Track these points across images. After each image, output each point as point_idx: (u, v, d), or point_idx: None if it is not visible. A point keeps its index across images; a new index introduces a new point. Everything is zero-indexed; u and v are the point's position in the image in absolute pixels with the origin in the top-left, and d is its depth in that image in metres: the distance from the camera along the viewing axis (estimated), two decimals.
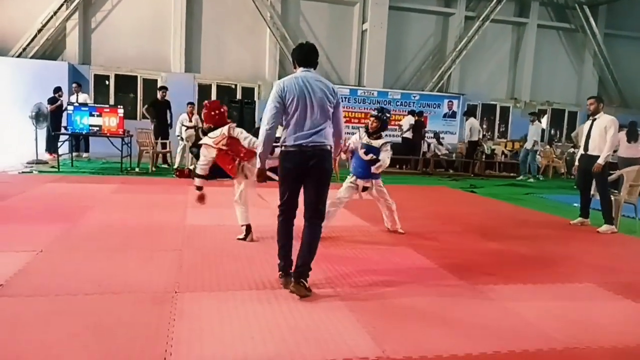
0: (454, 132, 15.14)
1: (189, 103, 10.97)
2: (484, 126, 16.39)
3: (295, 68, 3.54)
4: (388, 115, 5.19)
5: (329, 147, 3.38)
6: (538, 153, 13.07)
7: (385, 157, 5.04)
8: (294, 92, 3.31)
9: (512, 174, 13.32)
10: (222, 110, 4.75)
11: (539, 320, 3.15)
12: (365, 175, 5.14)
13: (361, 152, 5.10)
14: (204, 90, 14.08)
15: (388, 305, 3.29)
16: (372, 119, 5.13)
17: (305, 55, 3.49)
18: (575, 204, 7.19)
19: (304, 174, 3.34)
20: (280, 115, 3.34)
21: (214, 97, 14.01)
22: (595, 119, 6.36)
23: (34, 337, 2.53)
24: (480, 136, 13.85)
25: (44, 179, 8.19)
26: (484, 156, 14.25)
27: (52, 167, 9.61)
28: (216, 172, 8.84)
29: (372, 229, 5.64)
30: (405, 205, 7.54)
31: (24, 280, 3.36)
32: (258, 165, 3.44)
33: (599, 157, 6.16)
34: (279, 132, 3.42)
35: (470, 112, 13.80)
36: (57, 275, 3.49)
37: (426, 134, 13.96)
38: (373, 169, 5.04)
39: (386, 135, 5.49)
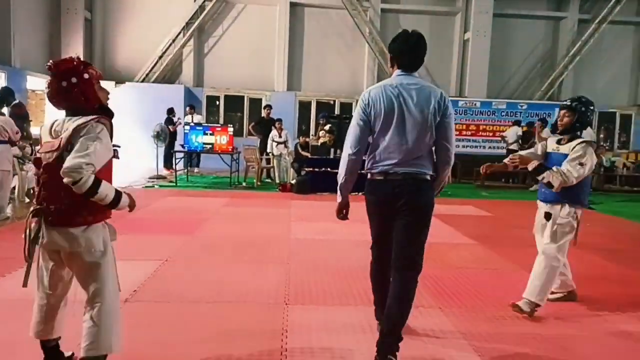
0: None
1: (277, 120, 11.27)
2: (601, 136, 15.08)
3: (392, 68, 2.67)
4: (591, 108, 3.43)
5: (427, 177, 2.59)
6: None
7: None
8: (381, 105, 2.54)
9: (635, 189, 12.03)
10: None
11: None
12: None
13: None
14: (304, 106, 14.58)
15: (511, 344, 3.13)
16: (562, 111, 3.44)
17: (410, 52, 2.61)
18: None
19: (393, 210, 2.56)
20: (367, 136, 2.62)
21: (313, 113, 14.48)
22: None
23: (161, 339, 2.79)
24: (596, 147, 12.75)
25: (164, 192, 8.99)
26: (602, 169, 13.05)
27: (170, 181, 10.51)
28: (315, 186, 9.08)
29: (479, 247, 5.43)
30: (510, 222, 7.15)
31: (154, 287, 3.72)
32: (338, 199, 2.67)
33: None
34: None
35: None
36: (181, 283, 3.82)
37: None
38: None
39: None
